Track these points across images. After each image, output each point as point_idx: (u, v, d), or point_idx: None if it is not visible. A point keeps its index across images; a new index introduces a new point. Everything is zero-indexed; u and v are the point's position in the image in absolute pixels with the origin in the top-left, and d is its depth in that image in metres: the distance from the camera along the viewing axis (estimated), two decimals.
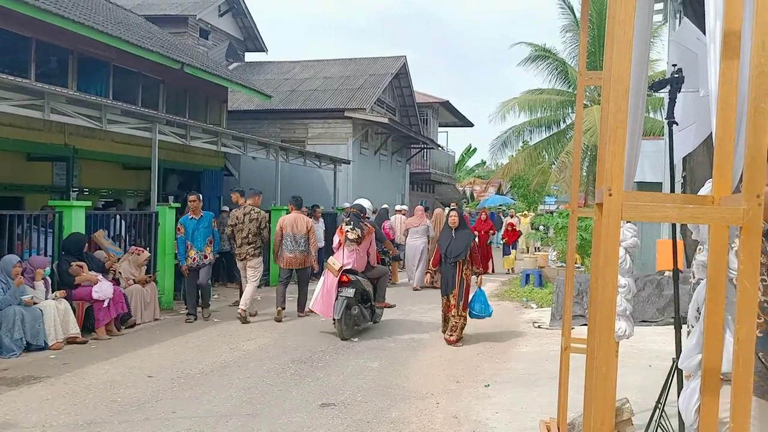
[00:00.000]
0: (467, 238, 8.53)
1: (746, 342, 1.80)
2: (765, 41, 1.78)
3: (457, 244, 8.45)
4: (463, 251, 8.40)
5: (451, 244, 8.49)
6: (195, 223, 9.88)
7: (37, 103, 8.93)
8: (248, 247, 9.95)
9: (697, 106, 3.72)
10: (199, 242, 9.87)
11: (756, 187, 1.76)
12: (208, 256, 9.98)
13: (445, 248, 8.54)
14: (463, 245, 8.43)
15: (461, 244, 8.44)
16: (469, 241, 8.50)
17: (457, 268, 8.43)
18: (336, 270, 8.75)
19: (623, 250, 3.75)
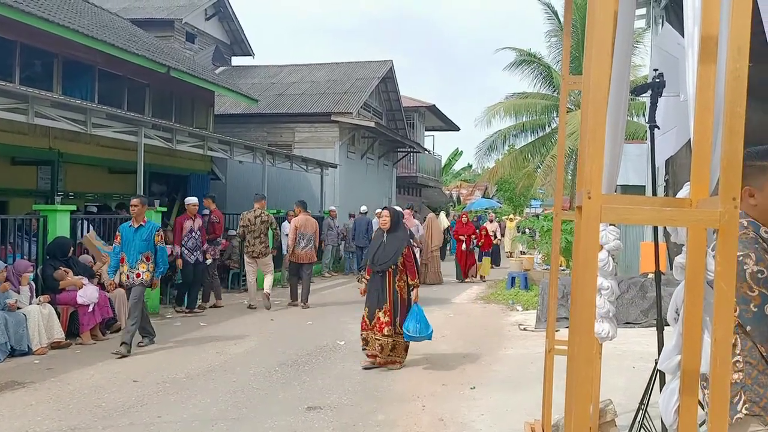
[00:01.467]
0: (399, 243, 7.22)
1: (723, 343, 1.83)
2: (741, 46, 1.81)
3: (387, 250, 7.18)
4: (392, 258, 7.12)
5: (380, 249, 7.26)
6: (132, 232, 8.07)
7: (21, 107, 8.88)
8: (261, 246, 11.35)
9: (678, 110, 3.77)
10: (131, 257, 7.97)
11: (732, 189, 1.79)
12: (142, 274, 7.97)
13: (373, 254, 7.35)
14: (392, 251, 7.15)
15: (391, 249, 7.17)
16: (401, 246, 7.19)
17: (386, 279, 7.18)
18: None
19: (606, 252, 3.78)
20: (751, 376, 2.26)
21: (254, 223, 11.32)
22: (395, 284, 7.20)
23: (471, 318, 11.00)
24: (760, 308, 2.22)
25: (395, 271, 7.19)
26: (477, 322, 10.63)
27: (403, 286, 7.27)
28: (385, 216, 7.37)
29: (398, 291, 7.22)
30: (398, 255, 7.15)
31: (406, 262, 7.22)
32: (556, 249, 4.46)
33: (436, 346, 8.59)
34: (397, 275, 7.20)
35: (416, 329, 7.10)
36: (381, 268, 7.18)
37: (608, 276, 3.79)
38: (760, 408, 2.23)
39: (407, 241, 7.39)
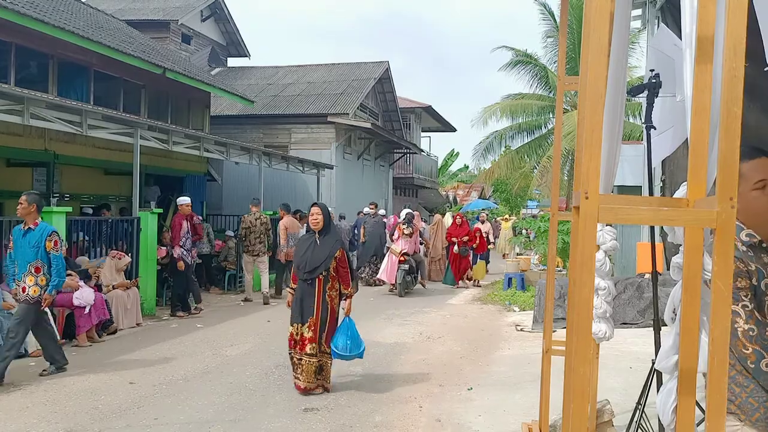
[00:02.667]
0: (332, 245, 6.25)
1: (721, 342, 1.83)
2: (737, 46, 1.81)
3: (317, 255, 6.19)
4: (323, 264, 6.15)
5: (308, 253, 6.25)
6: (20, 236, 6.71)
7: (16, 109, 8.85)
8: (260, 245, 12.39)
9: (674, 111, 3.78)
10: (19, 266, 6.66)
11: (729, 189, 1.79)
12: (28, 289, 6.55)
13: (299, 259, 6.32)
14: (323, 256, 6.18)
15: (322, 254, 6.19)
16: (333, 250, 6.21)
17: (315, 288, 6.18)
18: (398, 253, 13.88)
19: (603, 252, 3.78)
20: (729, 375, 2.30)
21: (255, 225, 12.39)
22: (325, 294, 6.20)
23: (468, 319, 11.01)
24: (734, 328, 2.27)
25: (326, 279, 6.19)
26: (474, 323, 10.64)
27: (335, 296, 6.30)
28: (316, 214, 6.32)
29: (328, 301, 6.22)
30: (330, 259, 6.15)
31: (339, 268, 6.23)
32: (553, 249, 4.46)
33: (433, 347, 8.60)
34: (328, 283, 6.20)
35: (346, 346, 6.19)
36: (310, 276, 6.15)
37: (605, 276, 3.80)
38: (735, 406, 2.32)
39: (341, 243, 6.41)
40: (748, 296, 2.29)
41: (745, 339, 2.30)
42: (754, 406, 2.29)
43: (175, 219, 10.97)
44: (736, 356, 2.31)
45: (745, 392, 2.31)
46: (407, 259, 13.97)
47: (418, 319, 10.78)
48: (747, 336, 2.29)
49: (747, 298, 2.29)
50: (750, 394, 2.30)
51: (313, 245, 6.28)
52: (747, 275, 2.31)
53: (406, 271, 13.85)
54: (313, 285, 6.19)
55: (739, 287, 2.29)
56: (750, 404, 2.30)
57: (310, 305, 6.18)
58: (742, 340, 2.30)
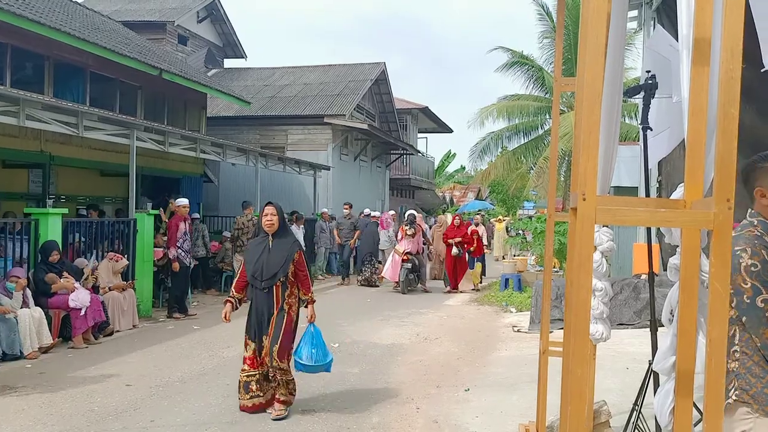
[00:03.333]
0: (289, 248, 5.61)
1: (718, 343, 1.83)
2: (734, 48, 1.82)
3: (273, 259, 5.56)
4: (282, 269, 5.53)
5: (263, 258, 5.60)
6: None
7: (12, 110, 8.82)
8: None
9: (670, 112, 3.78)
10: None
11: (726, 190, 1.79)
12: None
13: (253, 266, 5.65)
14: (281, 260, 5.55)
15: (279, 258, 5.55)
16: (291, 253, 5.58)
17: (273, 296, 5.57)
18: (401, 252, 14.43)
19: (599, 254, 3.79)
20: (746, 365, 2.39)
21: (247, 226, 12.60)
22: (284, 301, 5.59)
23: (465, 320, 11.01)
24: (752, 300, 2.33)
25: (284, 285, 5.58)
26: (471, 324, 10.64)
27: (294, 302, 5.68)
28: (270, 214, 5.68)
29: (286, 309, 5.58)
30: (289, 263, 5.54)
31: (297, 272, 5.63)
32: (550, 250, 4.46)
33: (430, 348, 8.60)
34: (286, 290, 5.59)
35: (311, 356, 5.61)
36: (269, 284, 5.53)
37: (602, 277, 3.80)
38: (749, 396, 2.37)
39: (299, 245, 5.77)
40: None
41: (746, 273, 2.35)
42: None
43: (172, 220, 10.96)
44: (759, 344, 2.36)
45: (761, 383, 2.35)
46: (410, 258, 14.49)
47: (416, 320, 10.78)
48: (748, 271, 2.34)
49: None
50: (765, 385, 2.34)
51: (266, 250, 5.62)
52: None
53: (409, 269, 14.45)
54: (270, 293, 5.55)
55: None
56: (765, 395, 2.34)
57: (268, 317, 5.56)
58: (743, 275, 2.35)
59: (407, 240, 14.64)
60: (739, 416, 2.40)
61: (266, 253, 5.61)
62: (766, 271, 2.33)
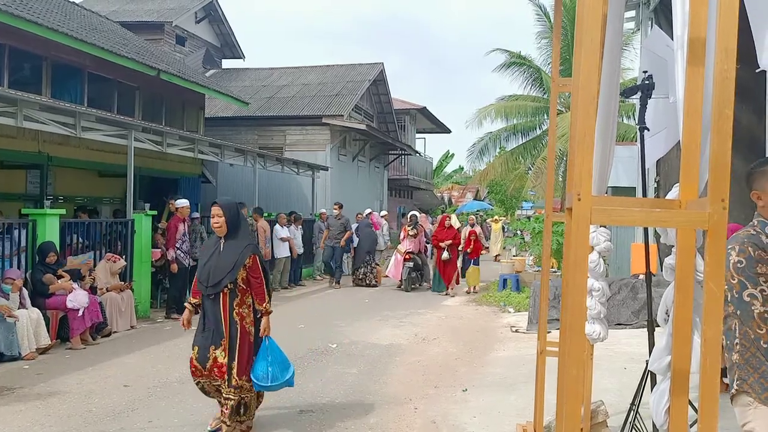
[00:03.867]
0: (239, 252, 4.97)
1: (713, 343, 1.84)
2: (728, 48, 1.82)
3: (221, 264, 4.97)
4: (228, 275, 4.92)
5: (211, 262, 5.04)
6: None
7: (9, 111, 8.82)
8: None
9: (667, 112, 3.79)
10: None
11: (720, 190, 1.80)
12: None
13: (200, 270, 5.14)
14: (229, 265, 4.94)
15: (227, 262, 4.96)
16: (242, 257, 4.95)
17: (220, 305, 4.98)
18: (402, 252, 14.89)
19: (597, 254, 3.79)
20: (744, 356, 2.52)
21: None
22: (233, 311, 4.99)
23: (463, 320, 11.02)
24: (740, 294, 2.47)
25: (233, 293, 4.97)
26: (469, 324, 10.65)
27: (247, 314, 5.05)
28: (217, 216, 5.04)
29: (237, 321, 4.98)
30: (238, 269, 4.93)
31: (250, 278, 5.00)
32: (547, 251, 4.47)
33: (428, 349, 8.60)
34: (236, 298, 4.98)
35: (268, 374, 5.00)
36: (213, 291, 4.97)
37: (599, 277, 3.80)
38: (748, 385, 2.51)
39: (253, 248, 5.09)
40: (766, 282, 2.46)
41: (760, 320, 2.47)
42: (764, 385, 2.47)
43: (172, 221, 10.96)
44: (752, 336, 2.49)
45: (758, 373, 2.48)
46: (412, 257, 14.89)
47: (414, 320, 10.78)
48: (762, 318, 2.46)
49: (765, 283, 2.46)
50: (762, 375, 2.47)
51: (216, 253, 5.05)
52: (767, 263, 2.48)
53: (411, 268, 14.86)
54: (216, 301, 4.97)
55: (759, 273, 2.46)
56: (761, 384, 2.47)
57: (220, 327, 4.99)
58: (758, 321, 2.47)
59: (409, 240, 15.00)
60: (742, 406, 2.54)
61: (215, 257, 5.03)
62: (751, 268, 2.46)
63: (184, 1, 23.04)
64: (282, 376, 5.08)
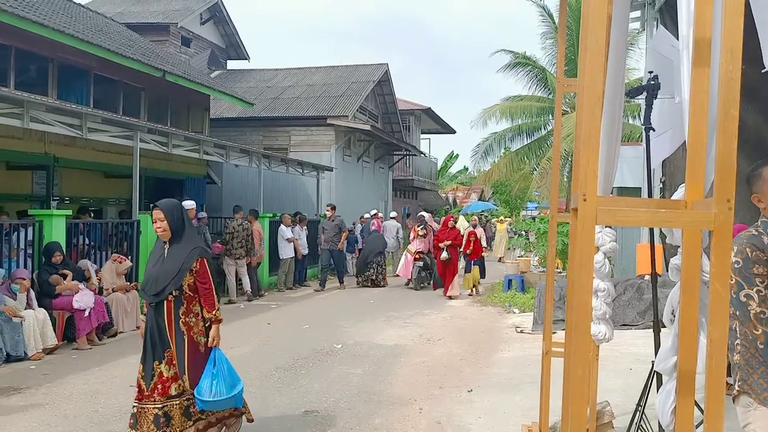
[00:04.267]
0: (185, 257, 4.57)
1: (719, 343, 1.84)
2: (734, 48, 1.82)
3: (165, 269, 4.57)
4: (172, 281, 4.53)
5: (155, 269, 4.64)
6: None
7: (16, 112, 8.85)
8: (241, 250, 13.02)
9: (672, 112, 3.79)
10: None
11: (726, 191, 1.80)
12: None
13: (146, 275, 4.75)
14: (173, 270, 4.54)
15: (171, 268, 4.55)
16: (187, 262, 4.56)
17: (164, 313, 4.57)
18: (413, 252, 15.31)
19: (602, 254, 3.79)
20: (745, 357, 2.53)
21: (237, 231, 13.02)
22: (178, 321, 4.56)
23: (468, 321, 11.01)
24: (737, 295, 2.48)
25: (178, 300, 4.57)
26: (474, 324, 10.64)
27: (195, 323, 4.61)
28: (159, 220, 4.64)
29: (183, 331, 4.56)
30: (182, 275, 4.54)
31: (197, 285, 4.61)
32: (552, 251, 4.46)
33: (433, 349, 8.60)
34: (181, 306, 4.57)
35: (213, 390, 4.51)
36: (156, 299, 4.57)
37: (604, 278, 3.80)
38: (748, 385, 2.52)
39: (200, 252, 4.66)
40: (763, 282, 2.46)
41: (756, 321, 2.47)
42: (763, 386, 2.47)
43: None
44: (750, 337, 2.50)
45: (757, 373, 2.49)
46: (422, 257, 15.20)
47: (418, 321, 10.78)
48: (758, 318, 2.47)
49: (762, 284, 2.46)
50: (761, 375, 2.48)
51: (162, 258, 4.67)
52: (766, 264, 2.48)
53: (421, 267, 15.25)
54: (160, 309, 4.57)
55: (756, 273, 2.46)
56: (759, 384, 2.48)
57: (165, 336, 4.58)
58: (754, 322, 2.48)
59: (419, 239, 15.23)
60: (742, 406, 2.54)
61: (161, 262, 4.64)
62: (747, 268, 2.46)
63: (189, 3, 23.11)
64: (227, 392, 4.56)
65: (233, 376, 4.69)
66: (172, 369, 4.57)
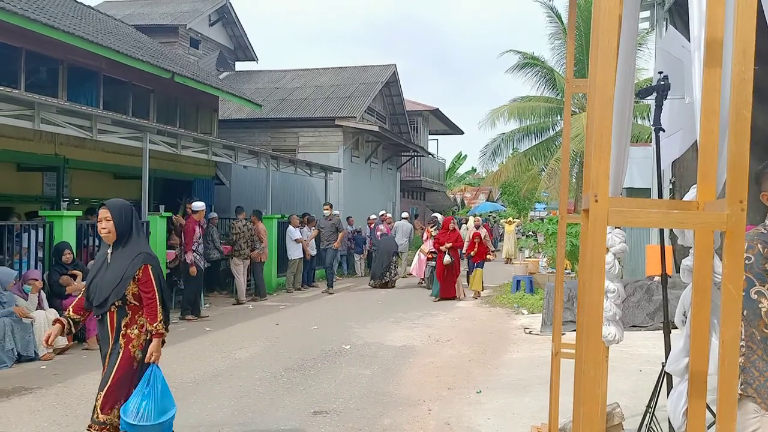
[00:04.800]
0: (128, 263, 4.15)
1: (731, 345, 1.83)
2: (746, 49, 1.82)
3: (107, 278, 4.15)
4: (114, 291, 4.10)
5: (99, 276, 4.22)
6: None
7: (27, 114, 8.91)
8: (247, 249, 13.06)
9: (683, 113, 3.77)
10: None
11: (739, 191, 1.79)
12: None
13: (89, 284, 4.28)
14: (115, 279, 4.12)
15: (114, 276, 4.13)
16: (131, 269, 4.13)
17: (107, 326, 4.16)
18: (426, 252, 15.36)
19: (612, 255, 3.78)
20: (750, 359, 2.45)
21: (242, 231, 13.06)
22: (119, 333, 4.14)
23: (476, 322, 11.00)
24: (747, 292, 2.41)
25: (121, 311, 4.14)
26: (482, 325, 10.63)
27: (136, 336, 4.16)
28: (104, 219, 4.24)
29: (122, 344, 4.13)
30: (125, 283, 4.11)
31: (141, 293, 4.16)
32: (562, 252, 4.45)
33: (441, 350, 8.60)
34: (125, 317, 4.15)
35: (140, 412, 3.99)
36: (100, 311, 4.16)
37: (614, 279, 3.79)
38: (753, 389, 2.43)
39: (145, 258, 4.22)
40: None
41: (767, 319, 2.41)
42: None
43: (189, 225, 11.04)
44: (759, 337, 2.43)
45: (764, 376, 2.41)
46: (434, 257, 14.94)
47: (427, 322, 10.78)
48: None
49: None
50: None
51: (105, 265, 4.24)
52: None
53: (434, 267, 14.94)
54: (104, 322, 4.15)
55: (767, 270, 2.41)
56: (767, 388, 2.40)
57: (104, 354, 4.20)
58: (764, 320, 2.41)
59: (432, 240, 15.25)
60: (748, 414, 2.45)
61: (103, 270, 4.21)
62: (759, 264, 2.42)
63: (198, 4, 23.20)
64: (155, 418, 4.02)
65: (167, 400, 4.18)
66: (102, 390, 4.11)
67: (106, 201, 4.36)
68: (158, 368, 4.18)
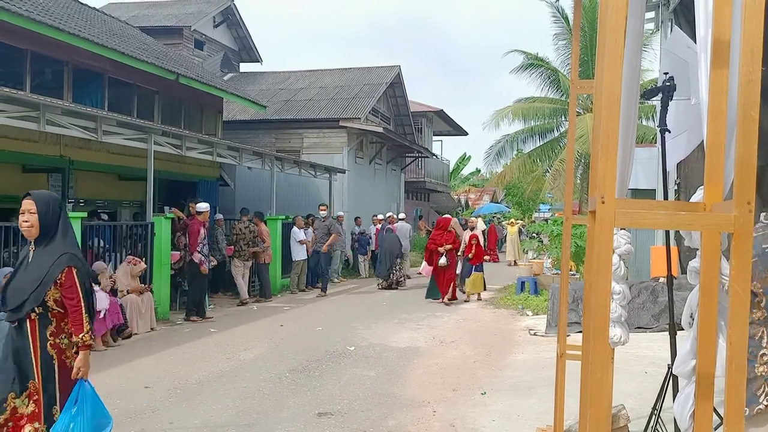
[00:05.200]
0: (51, 264, 3.74)
1: (739, 347, 1.82)
2: (753, 50, 1.81)
3: (25, 280, 3.77)
4: (32, 295, 3.70)
5: (16, 278, 3.84)
6: None
7: (32, 115, 8.94)
8: (248, 251, 13.04)
9: (688, 114, 3.76)
10: None
11: (746, 193, 1.78)
12: None
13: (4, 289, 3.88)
14: (34, 282, 3.72)
15: (31, 279, 3.74)
16: (53, 271, 3.72)
17: (27, 335, 3.74)
18: None
19: (617, 256, 3.77)
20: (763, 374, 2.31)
21: (244, 232, 13.08)
22: (46, 343, 3.75)
23: (481, 323, 10.99)
24: None
25: (44, 319, 3.75)
26: (487, 327, 10.61)
27: (68, 346, 3.82)
28: (28, 212, 3.78)
29: (53, 356, 3.78)
30: (46, 287, 3.71)
31: (64, 299, 3.75)
32: (567, 253, 4.45)
33: (446, 352, 8.59)
34: (49, 325, 3.77)
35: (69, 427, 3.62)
36: (15, 316, 3.74)
37: (620, 280, 3.78)
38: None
39: (69, 259, 3.78)
40: None
41: None
42: None
43: (194, 225, 11.06)
44: None
45: None
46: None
47: (431, 323, 10.77)
48: None
49: None
50: None
51: (25, 265, 3.83)
52: None
53: None
54: (22, 330, 3.73)
55: None
56: None
57: (28, 362, 3.73)
58: None
59: None
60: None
61: (22, 271, 3.80)
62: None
63: (202, 6, 23.24)
64: None
65: (100, 416, 3.80)
66: (31, 405, 3.70)
67: (32, 191, 3.87)
68: (87, 383, 3.79)
